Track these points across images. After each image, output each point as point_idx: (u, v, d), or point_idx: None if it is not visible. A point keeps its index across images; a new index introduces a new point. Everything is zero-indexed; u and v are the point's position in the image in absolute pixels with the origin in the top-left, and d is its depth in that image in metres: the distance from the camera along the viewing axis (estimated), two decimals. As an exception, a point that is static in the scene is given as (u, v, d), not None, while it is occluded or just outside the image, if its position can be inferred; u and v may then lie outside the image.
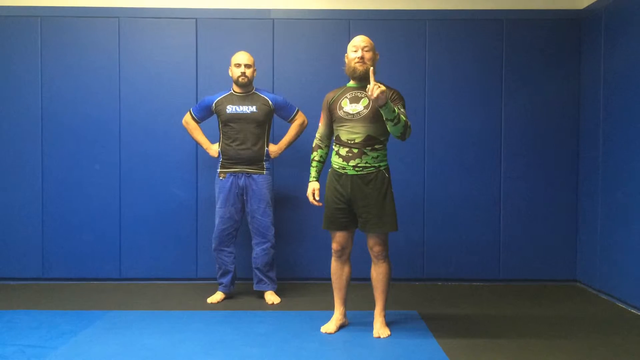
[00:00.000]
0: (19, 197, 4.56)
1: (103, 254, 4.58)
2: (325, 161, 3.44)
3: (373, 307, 3.39)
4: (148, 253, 4.58)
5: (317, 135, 3.41)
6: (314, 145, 3.42)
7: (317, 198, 3.36)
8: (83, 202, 4.57)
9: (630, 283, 3.85)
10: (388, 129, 3.13)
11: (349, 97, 3.25)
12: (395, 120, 3.05)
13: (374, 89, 2.90)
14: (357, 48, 3.22)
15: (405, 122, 3.10)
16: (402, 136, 3.14)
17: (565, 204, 4.60)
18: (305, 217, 4.56)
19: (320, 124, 3.40)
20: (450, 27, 4.57)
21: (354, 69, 3.23)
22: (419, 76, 4.58)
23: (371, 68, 3.03)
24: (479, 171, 4.59)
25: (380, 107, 2.99)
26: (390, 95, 3.21)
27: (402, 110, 3.18)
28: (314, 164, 3.41)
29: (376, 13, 4.58)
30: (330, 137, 3.40)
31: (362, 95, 3.23)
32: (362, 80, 3.24)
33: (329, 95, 3.35)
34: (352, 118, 3.20)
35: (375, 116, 3.17)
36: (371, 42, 3.26)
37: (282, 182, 4.57)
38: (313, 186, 3.38)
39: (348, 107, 3.23)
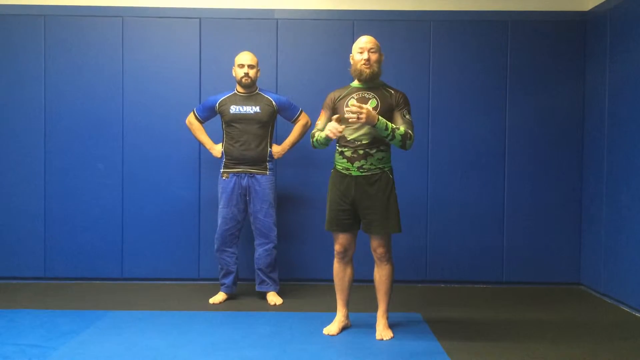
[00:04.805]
0: (21, 196, 4.55)
1: (105, 253, 4.57)
2: None
3: (376, 309, 3.38)
4: (150, 253, 4.57)
5: (315, 130, 3.33)
6: (312, 132, 3.33)
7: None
8: (85, 202, 4.56)
9: (635, 286, 3.83)
10: None
11: (355, 97, 3.23)
12: (390, 137, 3.09)
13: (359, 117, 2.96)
14: (363, 50, 3.19)
15: (403, 135, 3.10)
16: (402, 147, 3.16)
17: (569, 207, 4.57)
18: (308, 218, 4.54)
19: (318, 122, 3.33)
20: (455, 28, 4.56)
21: (361, 72, 3.21)
22: (423, 77, 4.56)
23: (353, 100, 3.09)
24: (482, 173, 4.57)
25: (373, 126, 3.04)
26: (397, 98, 3.20)
27: (407, 117, 3.18)
28: (318, 132, 3.26)
29: (380, 14, 4.56)
30: None
31: (370, 97, 3.21)
32: (368, 82, 3.23)
33: (334, 94, 3.32)
34: (359, 119, 3.17)
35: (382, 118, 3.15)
36: (377, 42, 3.24)
37: (285, 183, 4.56)
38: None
39: (355, 108, 3.20)
